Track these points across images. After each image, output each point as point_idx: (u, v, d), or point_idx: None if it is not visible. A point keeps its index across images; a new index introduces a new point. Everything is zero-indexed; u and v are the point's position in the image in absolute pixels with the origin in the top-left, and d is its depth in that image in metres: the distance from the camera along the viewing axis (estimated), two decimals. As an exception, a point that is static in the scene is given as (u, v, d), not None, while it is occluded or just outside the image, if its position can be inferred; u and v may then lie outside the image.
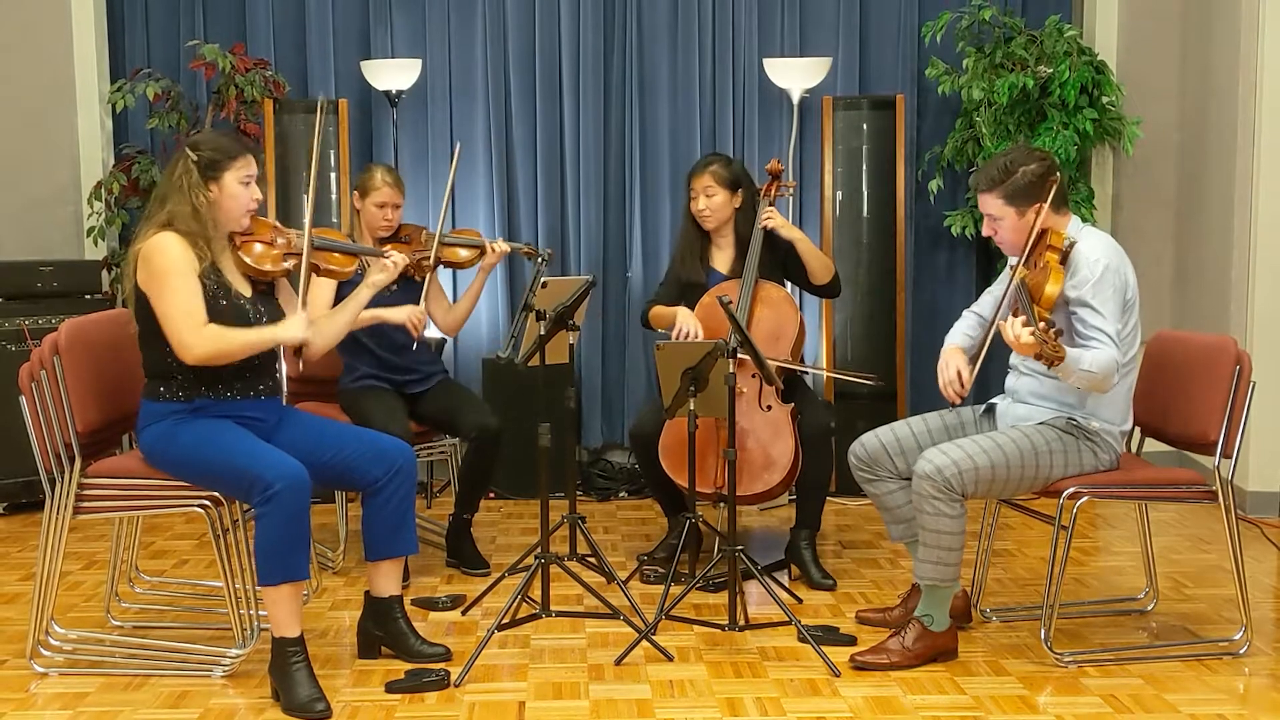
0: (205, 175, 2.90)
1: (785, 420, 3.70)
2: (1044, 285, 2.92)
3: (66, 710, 2.79)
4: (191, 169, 2.90)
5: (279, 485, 2.77)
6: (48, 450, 2.95)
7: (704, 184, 3.86)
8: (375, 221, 3.85)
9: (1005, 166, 3.05)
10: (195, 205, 2.88)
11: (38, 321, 4.58)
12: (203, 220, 2.89)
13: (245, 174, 2.95)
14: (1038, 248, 3.02)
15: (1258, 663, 3.07)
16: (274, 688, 2.84)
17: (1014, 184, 3.03)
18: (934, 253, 5.32)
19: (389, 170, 3.92)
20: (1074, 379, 2.91)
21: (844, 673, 2.97)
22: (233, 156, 2.93)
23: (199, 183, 2.89)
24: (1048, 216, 3.03)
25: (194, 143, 2.96)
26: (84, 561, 3.99)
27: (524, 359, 3.30)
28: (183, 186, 2.89)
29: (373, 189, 3.84)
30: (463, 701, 2.83)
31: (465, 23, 5.16)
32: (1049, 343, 2.76)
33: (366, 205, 3.85)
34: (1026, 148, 3.15)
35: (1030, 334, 2.79)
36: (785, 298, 3.84)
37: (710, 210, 3.86)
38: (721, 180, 3.86)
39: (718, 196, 3.85)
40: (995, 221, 3.10)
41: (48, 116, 5.06)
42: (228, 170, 2.92)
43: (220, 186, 2.92)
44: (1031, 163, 3.04)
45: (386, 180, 3.85)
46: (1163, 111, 5.05)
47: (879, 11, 5.23)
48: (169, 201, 2.91)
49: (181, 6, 5.17)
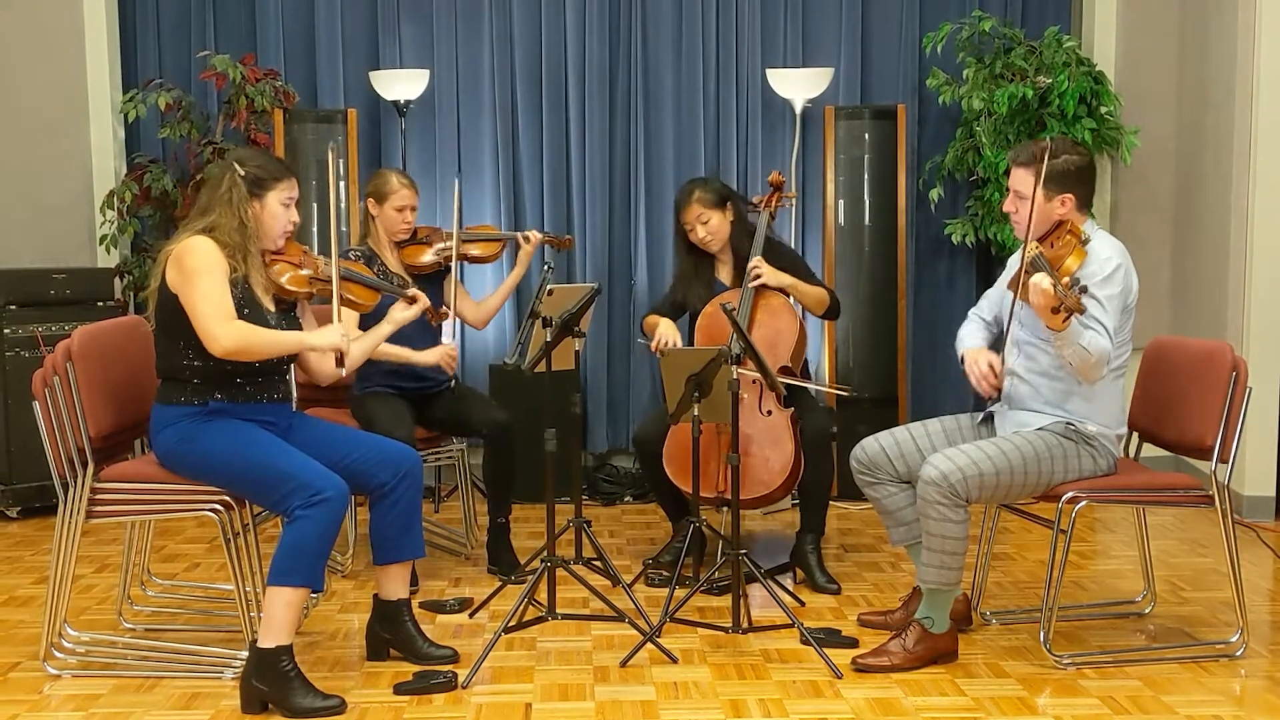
0: (251, 191, 2.96)
1: (785, 425, 3.74)
2: (1064, 258, 2.96)
3: (79, 712, 2.82)
4: (239, 184, 2.95)
5: (330, 492, 2.81)
6: (61, 455, 2.98)
7: (695, 214, 3.87)
8: (395, 225, 3.88)
9: (1049, 149, 3.05)
10: (243, 219, 2.93)
11: (51, 328, 4.62)
12: (247, 234, 2.94)
13: (287, 195, 3.01)
14: (1056, 232, 3.05)
15: (1254, 665, 3.10)
16: (256, 698, 2.80)
17: (1053, 167, 3.04)
18: (934, 261, 5.37)
19: (402, 173, 3.96)
20: (1070, 351, 2.93)
21: (846, 674, 3.00)
22: (278, 178, 3.00)
23: (245, 198, 2.95)
24: (1071, 210, 3.08)
25: (240, 158, 3.00)
26: (97, 565, 4.03)
27: (530, 365, 3.33)
28: (230, 200, 2.94)
29: (390, 193, 3.87)
30: (470, 703, 2.86)
31: (472, 34, 5.22)
32: (1070, 295, 2.78)
33: (385, 210, 3.87)
34: (1073, 140, 3.15)
35: (1050, 283, 2.78)
36: (785, 305, 3.87)
37: (711, 235, 3.89)
38: (709, 203, 3.87)
39: (712, 220, 3.88)
40: (1020, 200, 3.10)
41: (61, 126, 5.12)
42: (272, 190, 2.98)
43: (263, 205, 2.98)
44: (1074, 154, 3.07)
45: (403, 183, 3.89)
46: (1160, 121, 5.09)
47: (880, 23, 5.27)
48: (211, 213, 2.95)
49: (193, 18, 5.24)
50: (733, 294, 3.87)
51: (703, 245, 3.93)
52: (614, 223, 5.28)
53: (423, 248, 3.93)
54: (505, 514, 3.91)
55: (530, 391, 4.40)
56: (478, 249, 4.03)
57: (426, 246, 3.93)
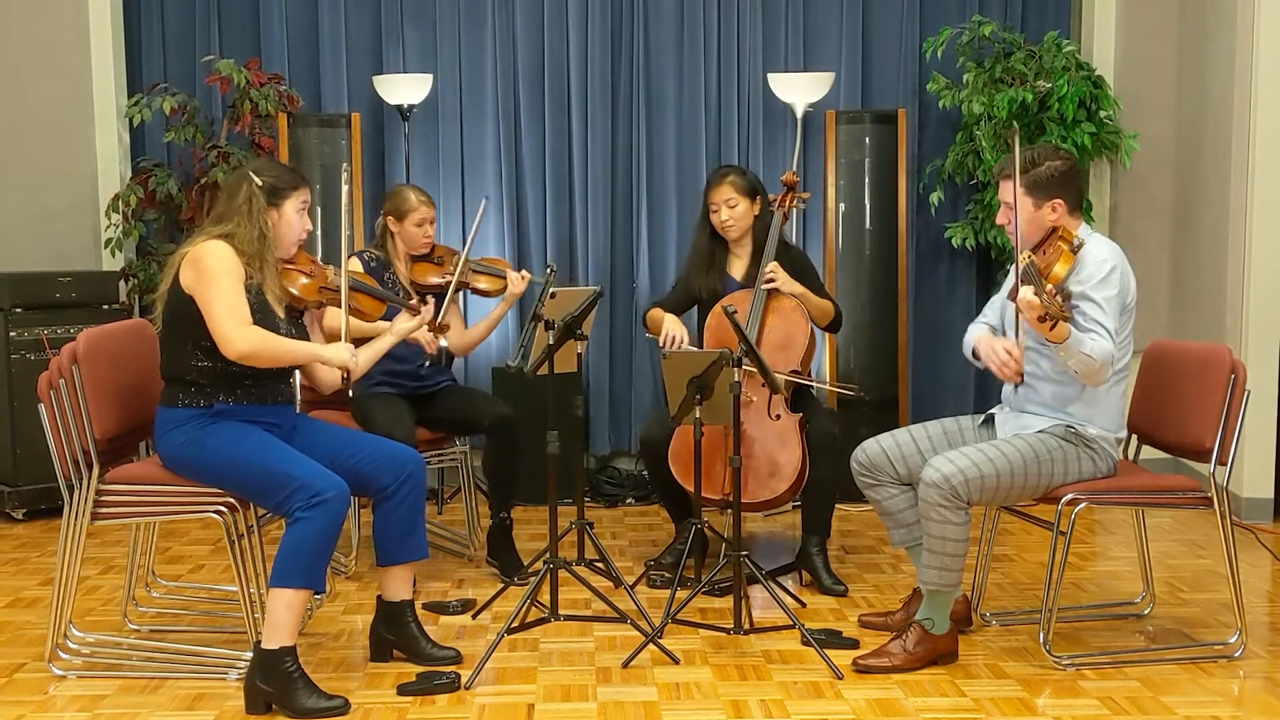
0: (268, 200, 2.98)
1: (793, 429, 3.75)
2: (1053, 265, 2.98)
3: (85, 712, 2.84)
4: (258, 193, 2.97)
5: (331, 494, 2.82)
6: (66, 457, 2.99)
7: (725, 195, 3.89)
8: (416, 241, 3.90)
9: (1031, 159, 3.10)
10: (263, 229, 2.96)
11: (56, 331, 4.64)
12: (266, 244, 2.96)
13: (302, 202, 3.04)
14: (1050, 239, 3.07)
15: (1252, 665, 3.12)
16: (260, 699, 2.82)
17: (1036, 175, 3.08)
18: (935, 264, 5.39)
19: (417, 189, 3.97)
20: (1074, 360, 2.94)
21: (846, 675, 3.02)
22: (294, 186, 3.03)
23: (264, 207, 2.97)
24: (1062, 215, 3.10)
25: (256, 169, 3.03)
26: (102, 566, 4.05)
27: (533, 368, 3.35)
28: (250, 210, 2.96)
29: (409, 210, 3.88)
30: (473, 704, 2.87)
31: (475, 39, 5.24)
32: (1055, 304, 2.80)
33: (406, 227, 3.89)
34: (1054, 146, 3.18)
35: (1035, 294, 2.81)
36: (796, 307, 3.87)
37: (733, 220, 3.90)
38: (741, 189, 3.90)
39: (739, 206, 3.90)
40: (1011, 211, 3.14)
41: (66, 130, 5.14)
42: (288, 198, 3.01)
43: (280, 213, 3.01)
44: (1056, 160, 3.10)
45: (421, 200, 3.91)
46: (1159, 125, 5.10)
47: (881, 27, 5.29)
48: (227, 222, 2.97)
49: (197, 22, 5.26)
50: (743, 295, 3.87)
51: (722, 229, 3.93)
52: (616, 226, 5.30)
53: (434, 268, 3.95)
54: (507, 511, 3.92)
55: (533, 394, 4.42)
56: (484, 283, 3.98)
57: (438, 268, 3.93)
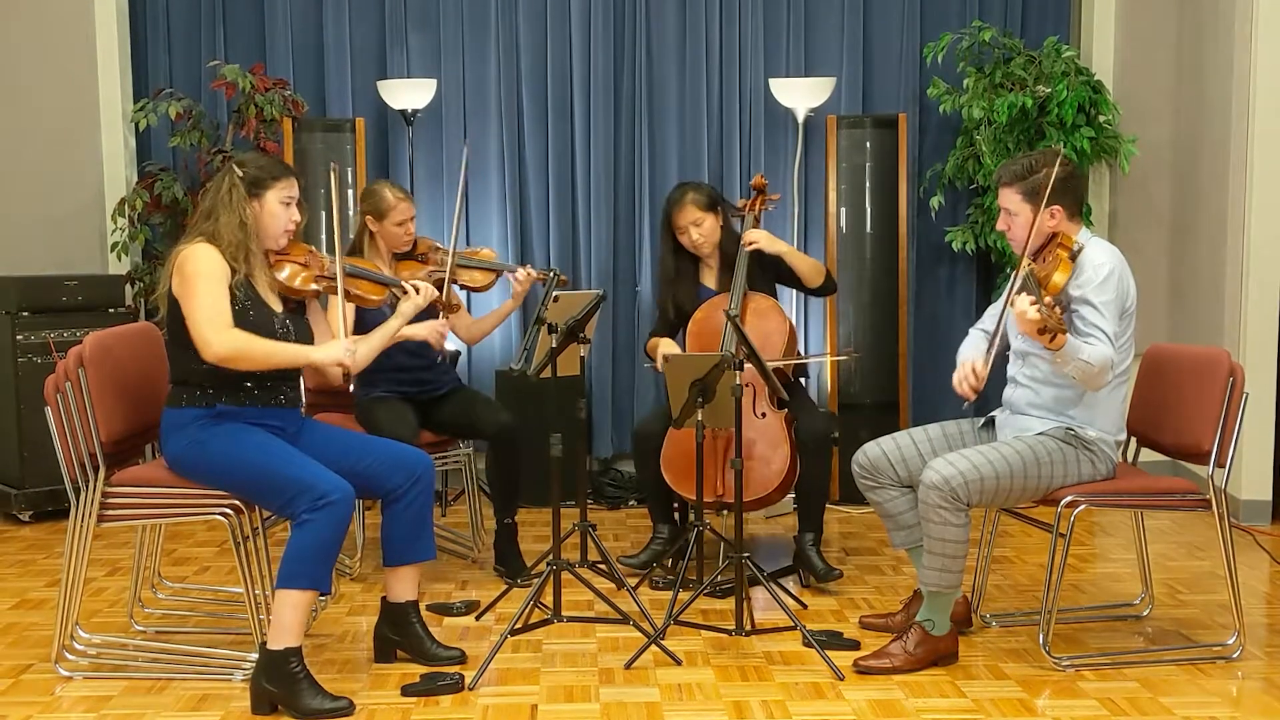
0: (250, 192, 3.01)
1: (780, 427, 3.77)
2: (1052, 274, 2.99)
3: (91, 713, 2.85)
4: (238, 184, 3.00)
5: (335, 496, 2.84)
6: (73, 460, 3.00)
7: (690, 217, 3.91)
8: (397, 239, 3.88)
9: (1030, 165, 3.11)
10: (243, 218, 2.98)
11: (63, 334, 4.67)
12: (248, 232, 2.99)
13: (286, 194, 3.05)
14: (1049, 245, 3.09)
15: (1250, 667, 3.13)
16: (265, 699, 2.83)
17: (1034, 182, 3.10)
18: (935, 268, 5.41)
19: (394, 185, 3.92)
20: (1071, 367, 2.95)
21: (847, 676, 3.03)
22: (276, 177, 3.04)
23: (244, 198, 3.00)
24: (1062, 221, 3.12)
25: (240, 160, 3.06)
26: (108, 568, 4.06)
27: (536, 371, 3.36)
28: (230, 201, 2.99)
29: (388, 209, 3.84)
30: (476, 704, 2.88)
31: (479, 44, 5.27)
32: (1053, 316, 2.82)
33: (385, 227, 3.86)
34: (1053, 151, 3.18)
35: (1035, 307, 2.83)
36: (773, 306, 3.92)
37: (703, 237, 3.94)
38: (702, 206, 3.92)
39: (705, 223, 3.93)
40: (1011, 217, 3.16)
41: (73, 135, 5.17)
42: (270, 189, 3.03)
43: (262, 204, 3.03)
44: (1055, 165, 3.10)
45: (399, 197, 3.86)
46: (1158, 130, 5.12)
47: (882, 33, 5.32)
48: (214, 216, 3.00)
49: (203, 27, 5.29)
50: (722, 300, 3.91)
51: (694, 249, 3.97)
52: (618, 230, 5.33)
53: (419, 265, 3.90)
54: (512, 515, 3.93)
55: (535, 397, 4.45)
56: (470, 277, 3.90)
57: (422, 264, 3.89)
